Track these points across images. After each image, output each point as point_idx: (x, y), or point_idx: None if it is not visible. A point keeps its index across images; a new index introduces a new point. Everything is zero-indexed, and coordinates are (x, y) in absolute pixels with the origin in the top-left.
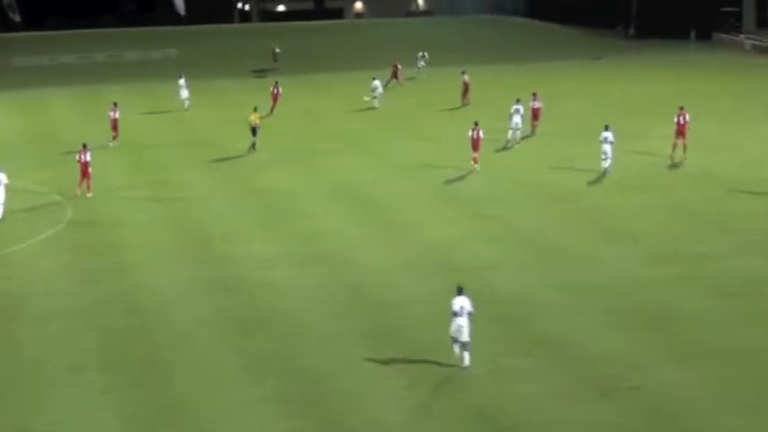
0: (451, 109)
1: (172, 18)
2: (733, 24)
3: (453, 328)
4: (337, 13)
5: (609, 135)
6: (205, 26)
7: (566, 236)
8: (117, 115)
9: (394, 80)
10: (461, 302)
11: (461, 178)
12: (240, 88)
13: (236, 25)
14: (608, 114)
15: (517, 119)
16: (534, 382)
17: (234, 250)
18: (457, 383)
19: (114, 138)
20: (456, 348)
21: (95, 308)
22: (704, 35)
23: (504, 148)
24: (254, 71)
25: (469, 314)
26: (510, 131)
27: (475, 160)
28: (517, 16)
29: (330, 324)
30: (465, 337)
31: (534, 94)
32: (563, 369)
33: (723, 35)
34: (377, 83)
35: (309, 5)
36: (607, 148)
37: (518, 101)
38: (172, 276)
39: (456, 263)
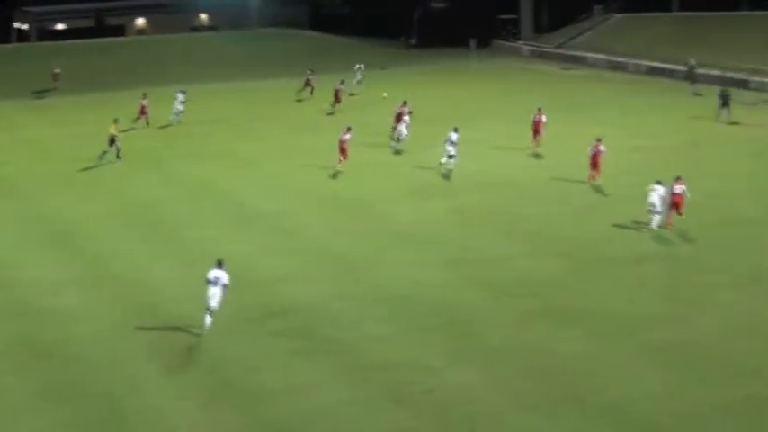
0: (245, 125)
1: None
2: (511, 31)
3: (208, 294)
4: (119, 30)
5: (454, 136)
6: None
7: (356, 245)
8: None
9: (307, 88)
10: (217, 273)
11: (250, 194)
12: (21, 109)
13: (13, 45)
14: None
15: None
16: (329, 393)
17: (19, 275)
18: (253, 398)
19: None
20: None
21: None
22: (484, 43)
23: (299, 161)
24: (35, 92)
25: (224, 286)
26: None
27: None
28: (302, 29)
29: (123, 345)
30: (214, 303)
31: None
32: (356, 377)
33: (502, 42)
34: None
35: (90, 23)
36: (450, 148)
37: None
38: None
39: (249, 276)
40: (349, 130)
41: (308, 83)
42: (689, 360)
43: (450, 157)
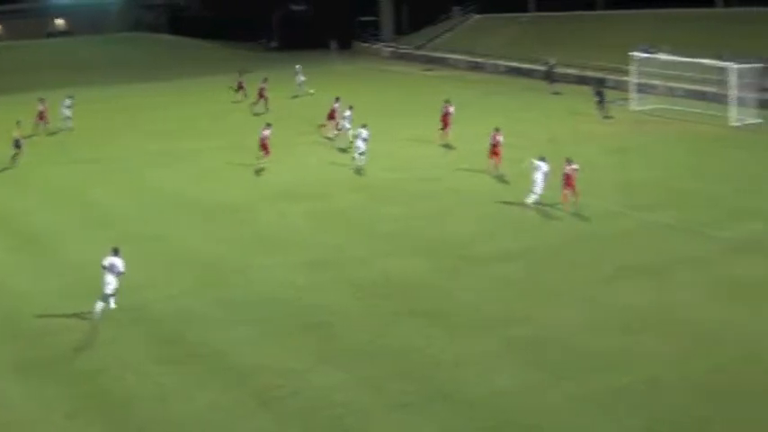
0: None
1: None
2: (371, 33)
3: (104, 281)
4: None
5: (364, 132)
6: None
7: (221, 249)
8: None
9: (241, 91)
10: (112, 260)
11: (112, 201)
12: None
13: None
14: (256, 126)
15: None
16: (195, 398)
17: None
18: (120, 406)
19: None
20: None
21: None
22: (345, 44)
23: (159, 166)
24: None
25: (119, 273)
26: None
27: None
28: (160, 33)
29: None
30: (108, 290)
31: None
32: (221, 382)
33: (362, 44)
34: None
35: None
36: (361, 144)
37: None
38: None
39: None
40: (268, 126)
41: (240, 86)
42: (549, 355)
43: (361, 153)
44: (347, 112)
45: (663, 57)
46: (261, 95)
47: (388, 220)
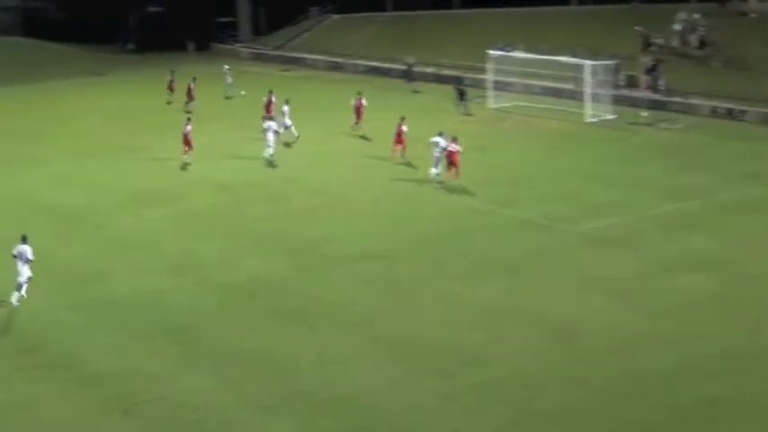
0: None
1: None
2: (229, 34)
3: (17, 270)
4: None
5: (272, 124)
6: None
7: (81, 254)
8: None
9: (170, 92)
10: (21, 248)
11: None
12: None
13: None
14: (121, 130)
15: None
16: (56, 407)
17: None
18: None
19: None
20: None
21: None
22: (203, 46)
23: (12, 171)
24: None
25: (28, 260)
26: None
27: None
28: (14, 36)
29: None
30: (22, 279)
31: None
32: (84, 390)
33: (221, 45)
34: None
35: None
36: (271, 137)
37: None
38: None
39: None
40: (189, 120)
41: (170, 86)
42: (413, 353)
43: (269, 146)
44: (285, 107)
45: (519, 55)
46: (189, 94)
47: (252, 221)
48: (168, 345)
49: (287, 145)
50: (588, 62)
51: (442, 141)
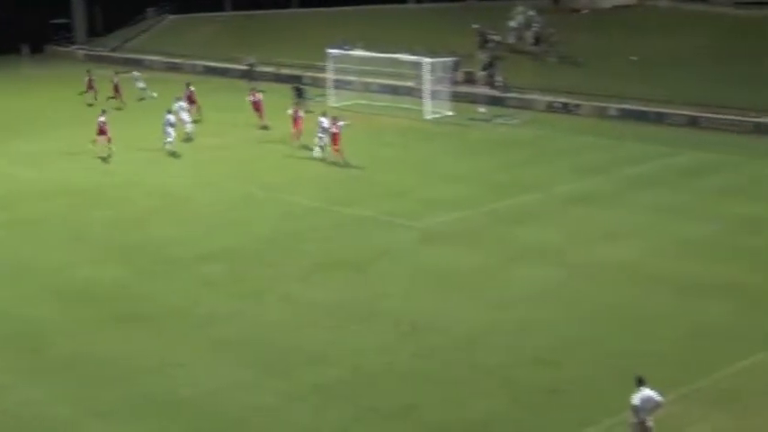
0: None
1: None
2: (64, 36)
3: None
4: None
5: (171, 117)
6: None
7: None
8: None
9: (90, 91)
10: None
11: None
12: None
13: None
14: None
15: None
16: None
17: None
18: None
19: None
20: None
21: None
22: (37, 48)
23: None
24: None
25: None
26: None
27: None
28: None
29: None
30: None
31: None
32: None
33: (56, 47)
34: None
35: None
36: (170, 130)
37: None
38: None
39: None
40: (104, 112)
41: (90, 85)
42: (255, 353)
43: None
44: (182, 103)
45: (358, 53)
46: (116, 90)
47: (92, 225)
48: (6, 354)
49: (187, 140)
50: (426, 59)
51: (325, 121)
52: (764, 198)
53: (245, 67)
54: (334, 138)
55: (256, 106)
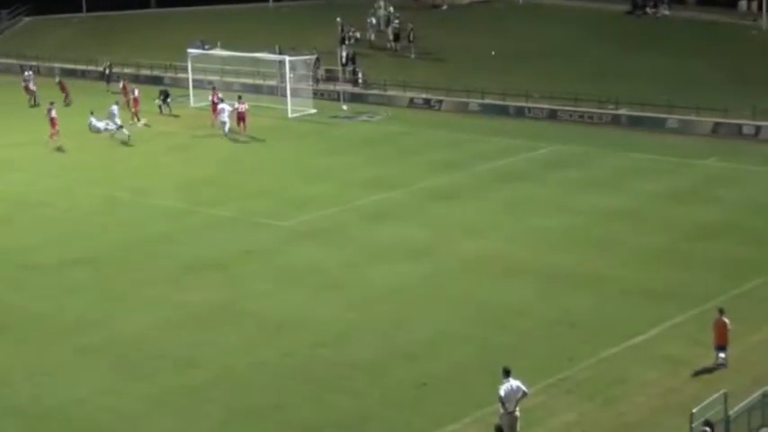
0: None
1: None
2: None
3: None
4: None
5: (115, 108)
6: None
7: None
8: None
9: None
10: None
11: None
12: None
13: None
14: None
15: None
16: None
17: None
18: None
19: None
20: None
21: None
22: None
23: None
24: None
25: None
26: None
27: None
28: None
29: None
30: None
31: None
32: None
33: None
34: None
35: None
36: (117, 121)
37: None
38: None
39: None
40: (52, 104)
41: (62, 86)
42: (123, 358)
43: (120, 127)
44: (113, 108)
45: (218, 52)
46: (63, 89)
47: None
48: None
49: (124, 144)
50: (287, 57)
51: (227, 107)
52: (623, 190)
53: (101, 69)
54: (241, 115)
55: (214, 108)
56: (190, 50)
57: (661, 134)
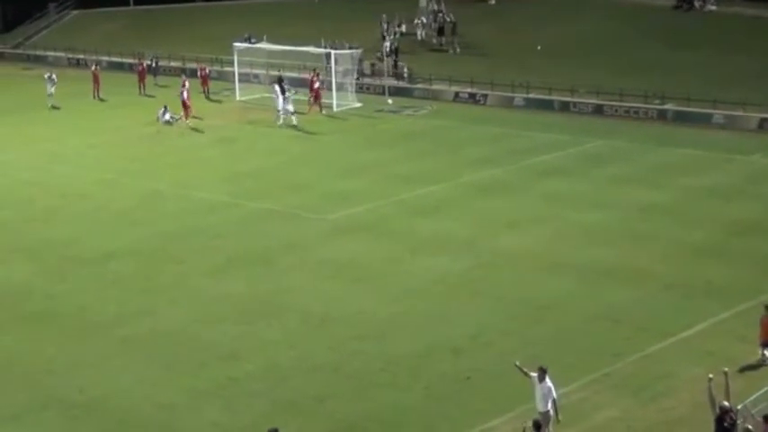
0: None
1: None
2: None
3: None
4: None
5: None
6: None
7: None
8: None
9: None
10: None
11: None
12: None
13: None
14: None
15: None
16: None
17: None
18: None
19: None
20: None
21: None
22: None
23: None
24: None
25: None
26: None
27: None
28: None
29: None
30: None
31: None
32: None
33: None
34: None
35: None
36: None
37: None
38: None
39: None
40: (184, 86)
41: (95, 76)
42: (165, 350)
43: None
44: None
45: (264, 46)
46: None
47: None
48: None
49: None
50: (333, 51)
51: (278, 88)
52: (667, 185)
53: (148, 62)
54: (317, 95)
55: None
56: (236, 44)
57: (707, 129)
